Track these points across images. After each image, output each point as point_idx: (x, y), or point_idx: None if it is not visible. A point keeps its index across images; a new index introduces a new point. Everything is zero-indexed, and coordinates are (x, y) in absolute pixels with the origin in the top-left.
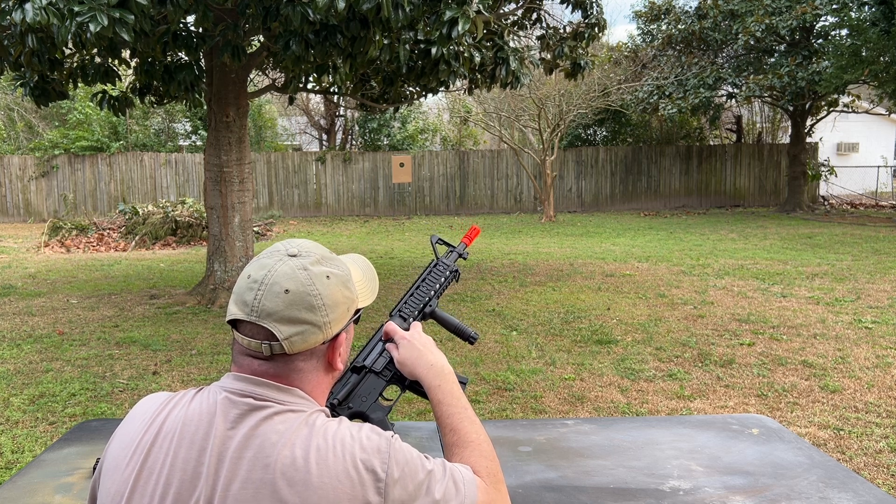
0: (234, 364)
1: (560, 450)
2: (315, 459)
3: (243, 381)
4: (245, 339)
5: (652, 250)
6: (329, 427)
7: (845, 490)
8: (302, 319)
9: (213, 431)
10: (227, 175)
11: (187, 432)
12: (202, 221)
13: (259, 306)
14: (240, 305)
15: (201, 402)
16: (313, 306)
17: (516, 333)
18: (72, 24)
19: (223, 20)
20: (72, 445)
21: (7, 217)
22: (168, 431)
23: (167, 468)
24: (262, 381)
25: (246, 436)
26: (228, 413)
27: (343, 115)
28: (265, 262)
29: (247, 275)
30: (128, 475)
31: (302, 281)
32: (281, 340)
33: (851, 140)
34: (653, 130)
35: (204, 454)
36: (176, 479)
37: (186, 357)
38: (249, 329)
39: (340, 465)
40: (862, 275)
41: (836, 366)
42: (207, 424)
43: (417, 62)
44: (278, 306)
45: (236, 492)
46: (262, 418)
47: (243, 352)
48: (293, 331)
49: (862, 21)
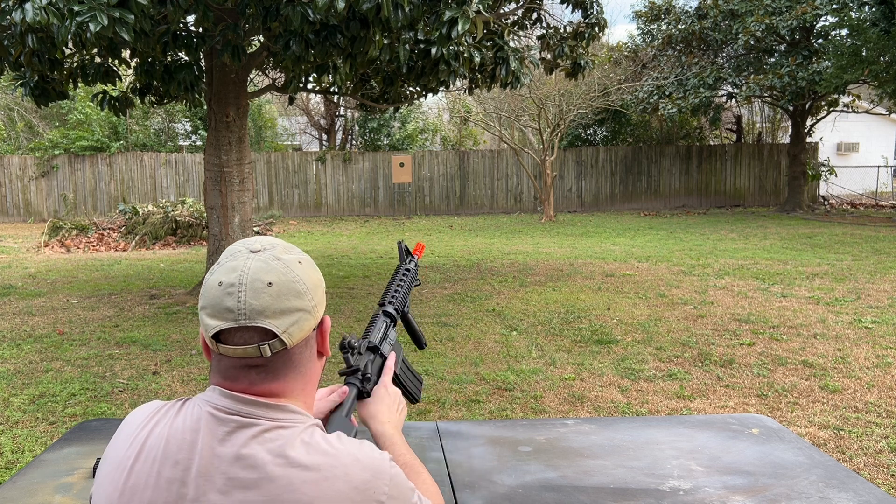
0: (225, 379)
1: (560, 450)
2: (312, 479)
3: (230, 398)
4: (238, 349)
5: (652, 250)
6: (328, 444)
7: (845, 490)
8: (293, 308)
9: (197, 450)
10: (227, 175)
11: (171, 451)
12: (202, 221)
13: (246, 308)
14: (221, 314)
15: (185, 418)
16: (300, 292)
17: (516, 333)
18: (72, 24)
19: (223, 20)
20: (72, 445)
21: (7, 217)
22: (151, 448)
23: (150, 489)
24: (250, 398)
25: (235, 455)
26: (215, 431)
27: (343, 115)
28: (232, 264)
29: (216, 282)
30: (111, 491)
31: (280, 271)
32: (280, 335)
33: (851, 140)
34: (653, 130)
35: (189, 474)
36: (160, 500)
37: (186, 357)
38: (240, 336)
39: (341, 486)
40: (862, 275)
41: (836, 366)
42: (191, 443)
43: (417, 62)
44: (267, 301)
45: None
46: (251, 436)
47: (235, 364)
48: (288, 322)
49: (862, 21)
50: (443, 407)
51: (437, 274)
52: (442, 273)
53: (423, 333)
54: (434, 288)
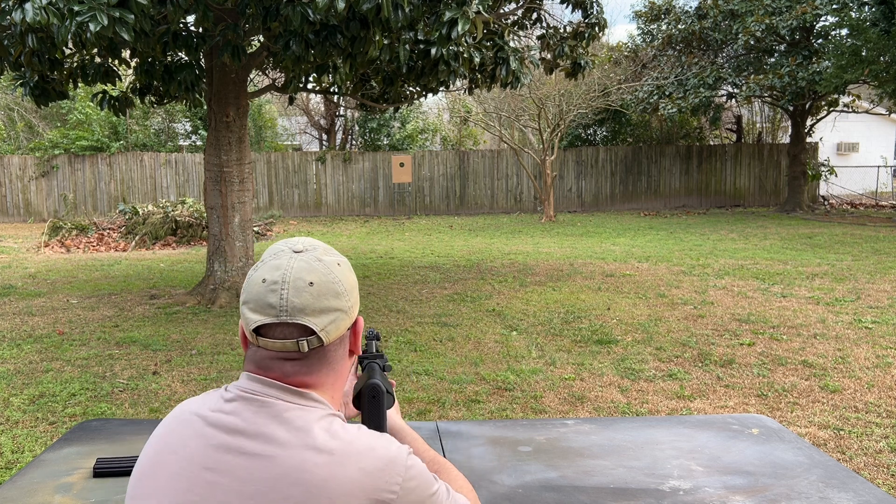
0: (259, 368)
1: (560, 450)
2: (324, 462)
3: (259, 382)
4: (277, 343)
5: (652, 250)
6: (346, 432)
7: (845, 490)
8: (331, 307)
9: (211, 432)
10: (227, 175)
11: (187, 432)
12: (202, 221)
13: (288, 305)
14: (264, 310)
15: (205, 401)
16: (338, 293)
17: (516, 333)
18: (72, 24)
19: (223, 20)
20: (72, 445)
21: (7, 217)
22: (170, 430)
23: (182, 460)
24: (277, 383)
25: (256, 431)
26: (242, 411)
27: (343, 115)
28: (276, 262)
29: (260, 279)
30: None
31: (321, 271)
32: (318, 332)
33: (851, 140)
34: (653, 130)
35: (207, 456)
36: (188, 466)
37: (186, 357)
38: (280, 331)
39: (352, 472)
40: (862, 275)
41: (836, 366)
42: (203, 424)
43: (417, 62)
44: (308, 300)
45: (245, 493)
46: (272, 415)
47: (272, 356)
48: (327, 320)
49: (862, 21)
50: (443, 407)
51: (437, 274)
52: (442, 273)
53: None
54: (434, 288)
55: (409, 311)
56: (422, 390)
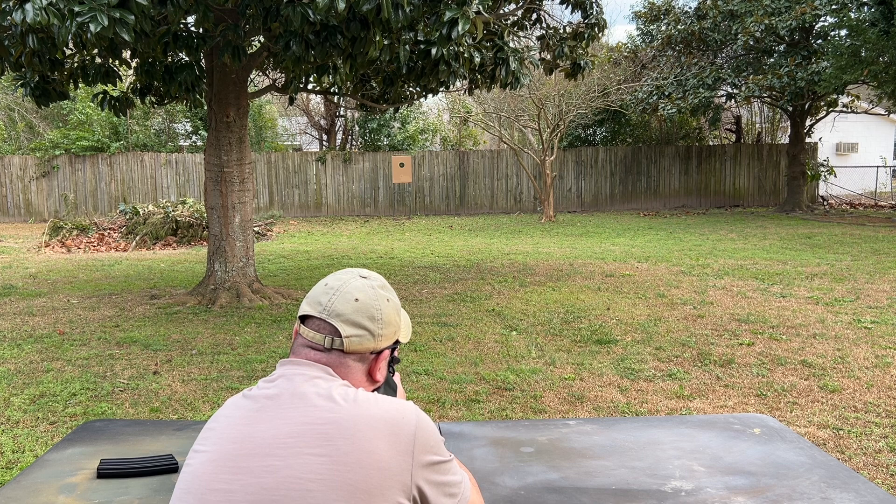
0: (293, 354)
1: (562, 450)
2: (348, 408)
3: (289, 363)
4: (310, 332)
5: (651, 250)
6: (363, 394)
7: (847, 490)
8: (363, 325)
9: (252, 403)
10: (227, 175)
11: (236, 403)
12: (202, 221)
13: (331, 307)
14: (313, 305)
15: (249, 387)
16: (374, 317)
17: (516, 333)
18: (72, 25)
19: (223, 20)
20: (75, 446)
21: (8, 217)
22: (223, 409)
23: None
24: (304, 361)
25: (291, 392)
26: (278, 384)
27: (343, 116)
28: (341, 276)
29: (324, 283)
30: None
31: (370, 295)
32: (343, 337)
33: (851, 140)
34: (652, 130)
35: (250, 417)
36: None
37: (187, 357)
38: (317, 324)
39: (375, 411)
40: (861, 275)
41: (836, 366)
42: (245, 399)
43: (417, 62)
44: (347, 310)
45: (284, 440)
46: (304, 380)
47: (305, 343)
48: (354, 332)
49: (861, 21)
50: (443, 407)
51: (437, 274)
52: (442, 273)
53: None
54: (434, 288)
55: (408, 310)
56: (422, 390)
